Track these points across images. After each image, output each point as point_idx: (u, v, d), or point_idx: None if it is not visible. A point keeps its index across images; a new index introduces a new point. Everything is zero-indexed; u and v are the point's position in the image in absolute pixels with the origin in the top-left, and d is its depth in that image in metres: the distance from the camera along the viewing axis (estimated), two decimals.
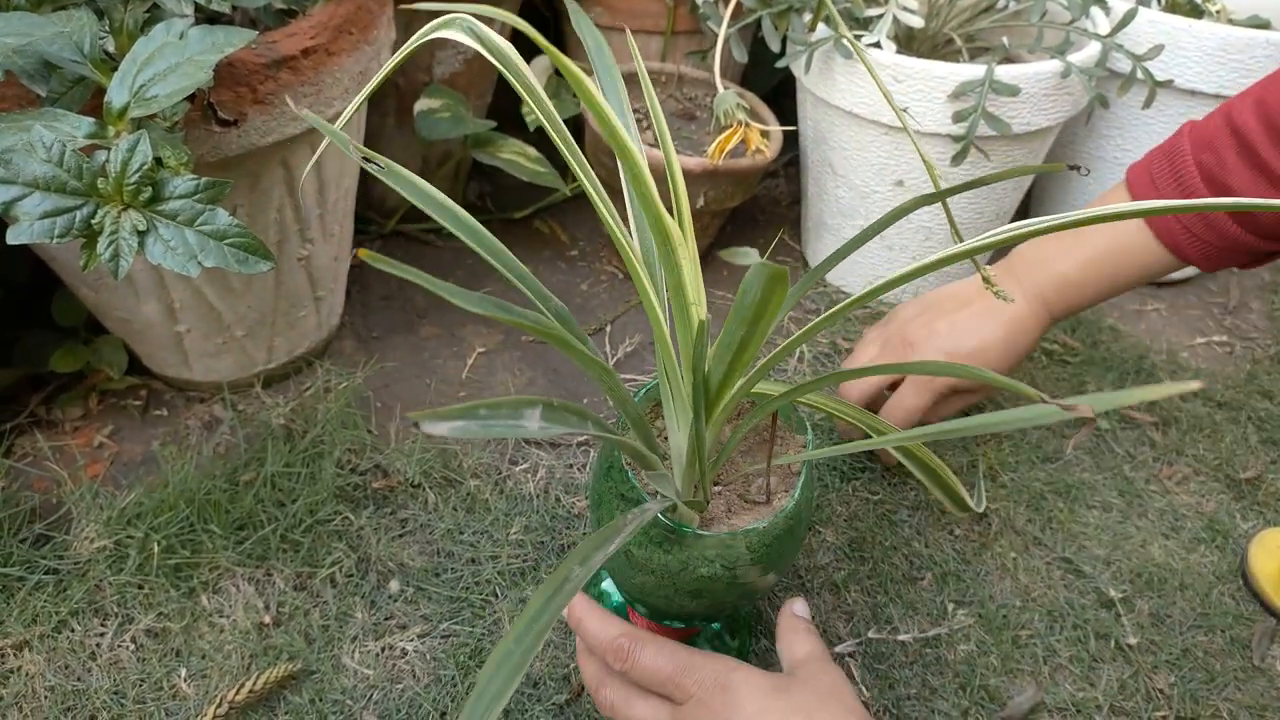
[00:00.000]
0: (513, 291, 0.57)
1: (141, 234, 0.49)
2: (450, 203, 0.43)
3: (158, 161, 0.51)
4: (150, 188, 0.49)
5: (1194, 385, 0.44)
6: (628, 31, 0.55)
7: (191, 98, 0.59)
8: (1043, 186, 1.18)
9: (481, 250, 0.44)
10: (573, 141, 0.43)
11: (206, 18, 0.63)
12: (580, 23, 0.48)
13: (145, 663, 0.64)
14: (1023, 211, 1.21)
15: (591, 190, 0.42)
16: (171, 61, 0.51)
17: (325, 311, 0.87)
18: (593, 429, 0.43)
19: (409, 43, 0.41)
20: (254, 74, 0.63)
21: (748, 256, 0.30)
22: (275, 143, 0.67)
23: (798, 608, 0.57)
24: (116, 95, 0.51)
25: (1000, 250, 1.12)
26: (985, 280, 0.52)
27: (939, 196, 0.48)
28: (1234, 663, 0.71)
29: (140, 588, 0.68)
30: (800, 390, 0.49)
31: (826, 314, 0.44)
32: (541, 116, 0.41)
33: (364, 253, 0.30)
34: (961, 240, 0.54)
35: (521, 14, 1.10)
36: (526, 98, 0.40)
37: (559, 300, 0.51)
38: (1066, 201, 1.15)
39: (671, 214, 0.49)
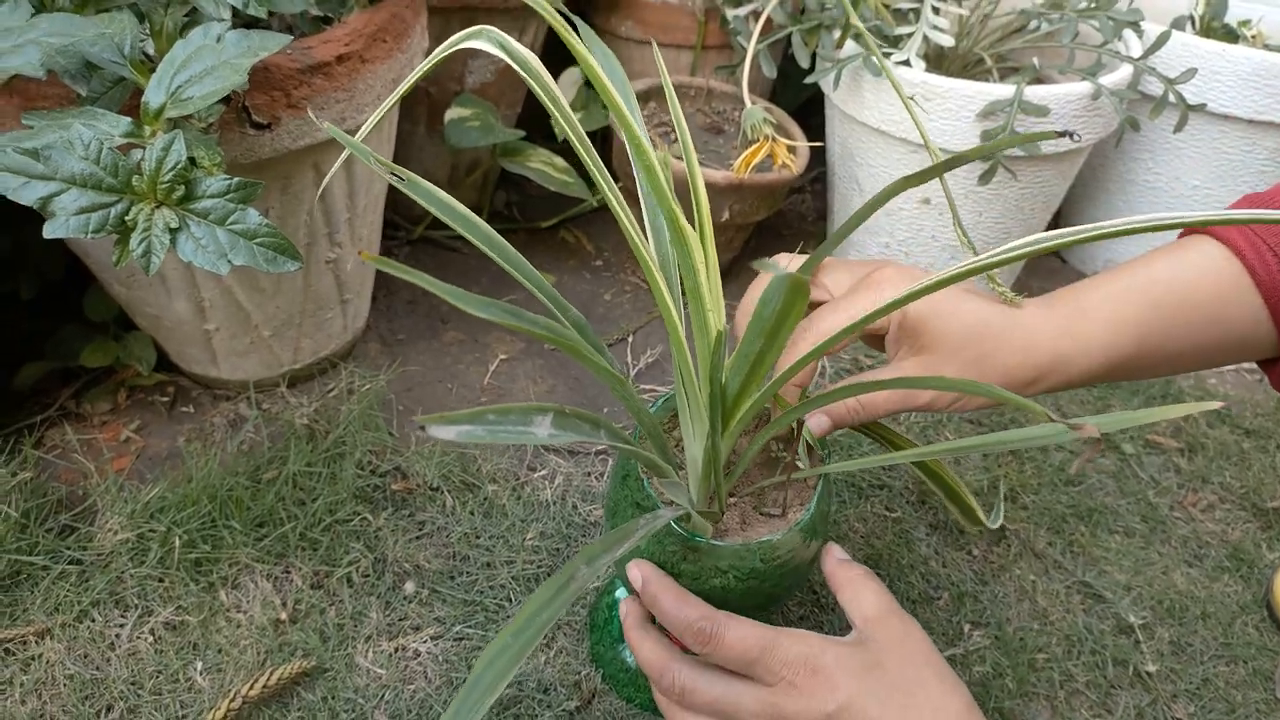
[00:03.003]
0: (536, 300, 0.57)
1: (173, 231, 0.50)
2: (469, 212, 0.44)
3: (191, 161, 0.52)
4: (183, 186, 0.50)
5: (1213, 404, 0.44)
6: (654, 44, 0.56)
7: (227, 100, 0.60)
8: (1072, 208, 1.17)
9: (498, 258, 0.45)
10: (593, 149, 0.44)
11: (244, 22, 0.65)
12: (589, 39, 0.49)
13: (163, 654, 0.65)
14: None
15: (610, 195, 0.43)
16: (208, 64, 0.52)
17: (351, 314, 0.88)
18: (606, 437, 0.43)
19: (437, 51, 0.41)
20: (288, 79, 0.64)
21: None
22: (307, 146, 0.68)
23: (838, 552, 0.54)
24: (154, 96, 0.52)
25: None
26: (993, 281, 0.52)
27: (937, 171, 0.46)
28: (1256, 695, 0.70)
29: (160, 580, 0.69)
30: (817, 402, 0.49)
31: (843, 328, 0.44)
32: (565, 125, 0.41)
33: (366, 255, 0.31)
34: (968, 240, 0.53)
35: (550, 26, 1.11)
36: (550, 107, 0.41)
37: (576, 310, 0.51)
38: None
39: (693, 223, 0.50)
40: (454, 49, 0.41)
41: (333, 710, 0.63)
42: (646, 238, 0.50)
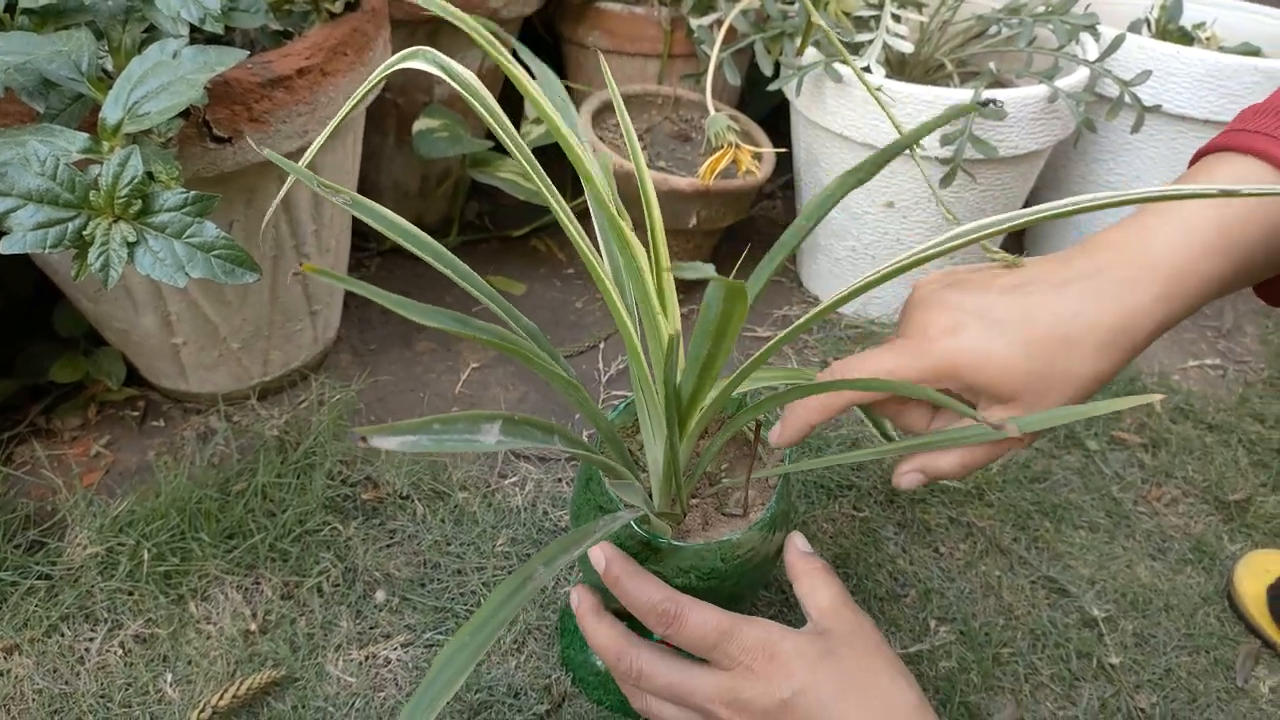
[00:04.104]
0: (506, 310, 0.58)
1: (131, 245, 0.51)
2: (414, 228, 0.45)
3: (149, 176, 0.52)
4: (140, 201, 0.51)
5: (1155, 397, 0.45)
6: (600, 56, 0.57)
7: (187, 114, 0.61)
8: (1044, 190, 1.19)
9: (448, 270, 0.46)
10: (536, 163, 0.45)
11: (206, 39, 0.65)
12: (526, 56, 0.50)
13: (132, 667, 0.65)
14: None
15: (554, 203, 0.44)
16: (164, 80, 0.53)
17: (321, 325, 0.89)
18: (560, 443, 0.44)
19: (376, 73, 0.42)
20: (249, 93, 0.65)
21: (699, 271, 0.30)
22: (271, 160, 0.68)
23: (801, 543, 0.54)
24: (110, 112, 0.52)
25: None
26: (998, 257, 0.48)
27: (907, 142, 0.45)
28: (1217, 684, 0.71)
29: (130, 594, 0.69)
30: (771, 401, 0.50)
31: (792, 326, 0.45)
32: (509, 140, 0.42)
33: (307, 266, 0.32)
34: (957, 221, 0.54)
35: (521, 36, 1.12)
36: (493, 125, 0.42)
37: (546, 316, 0.52)
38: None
39: (645, 229, 0.51)
40: (391, 70, 0.42)
41: (303, 719, 0.63)
42: (599, 248, 0.51)
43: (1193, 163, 0.48)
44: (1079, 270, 0.45)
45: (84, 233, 0.50)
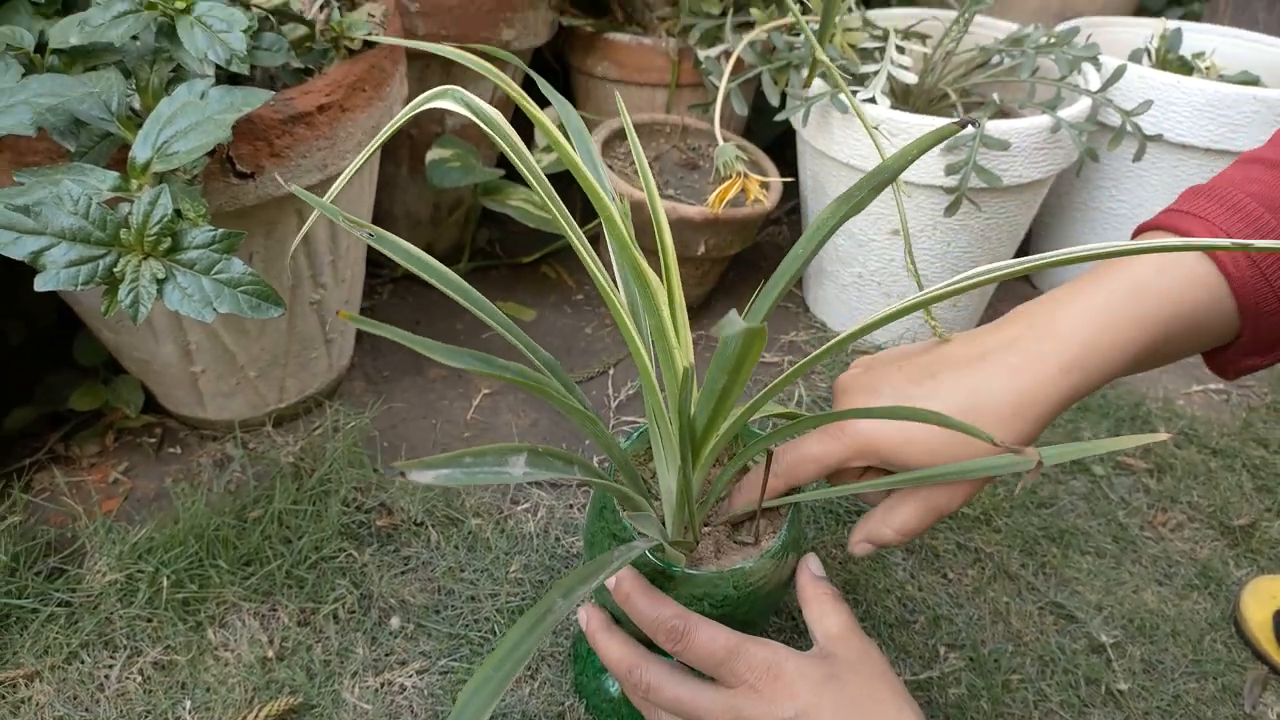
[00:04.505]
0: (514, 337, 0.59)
1: (160, 282, 0.52)
2: (439, 265, 0.46)
3: (177, 213, 0.54)
4: (169, 238, 0.52)
5: (1162, 436, 0.46)
6: (614, 88, 0.58)
7: (211, 151, 0.62)
8: (1040, 235, 1.20)
9: (470, 305, 0.47)
10: (554, 193, 0.46)
11: (228, 77, 0.67)
12: (544, 89, 0.51)
13: (151, 694, 0.66)
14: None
15: (575, 240, 0.45)
16: (192, 120, 0.54)
17: (336, 353, 0.90)
18: (580, 473, 0.45)
19: (403, 112, 0.44)
20: (271, 129, 0.66)
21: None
22: (291, 194, 0.70)
23: (814, 567, 0.56)
24: (140, 151, 0.54)
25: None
26: (934, 329, 0.53)
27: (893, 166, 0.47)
28: (1225, 710, 0.72)
29: (149, 621, 0.70)
30: (783, 432, 0.51)
31: (803, 361, 0.46)
32: (529, 174, 0.44)
33: (344, 314, 0.33)
34: (915, 271, 0.56)
35: (532, 66, 1.14)
36: (515, 161, 0.43)
37: (555, 344, 0.53)
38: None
39: (659, 258, 0.52)
40: (419, 110, 0.43)
41: None
42: (615, 279, 0.52)
43: (1133, 237, 0.50)
44: (990, 344, 0.47)
45: (114, 270, 0.51)
